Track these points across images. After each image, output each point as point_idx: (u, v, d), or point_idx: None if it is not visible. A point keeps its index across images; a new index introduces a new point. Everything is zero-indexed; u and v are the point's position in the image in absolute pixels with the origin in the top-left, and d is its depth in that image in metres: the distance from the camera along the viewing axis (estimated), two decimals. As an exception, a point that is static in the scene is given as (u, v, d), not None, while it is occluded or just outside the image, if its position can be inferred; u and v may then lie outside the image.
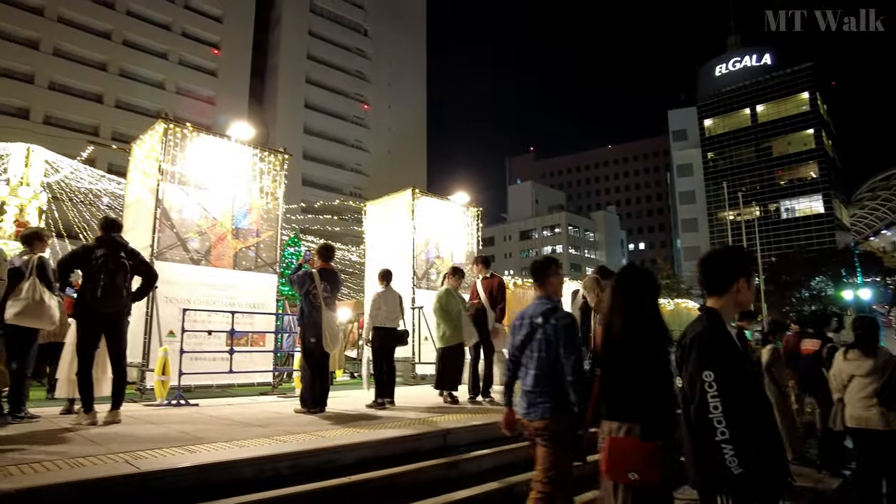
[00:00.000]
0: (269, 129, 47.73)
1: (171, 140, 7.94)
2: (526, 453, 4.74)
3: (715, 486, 1.86)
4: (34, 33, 38.38)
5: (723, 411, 1.80)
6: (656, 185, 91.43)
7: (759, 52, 66.96)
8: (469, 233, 12.59)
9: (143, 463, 3.27)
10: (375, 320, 6.76)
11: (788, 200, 61.50)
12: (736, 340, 1.96)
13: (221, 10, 47.29)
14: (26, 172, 13.47)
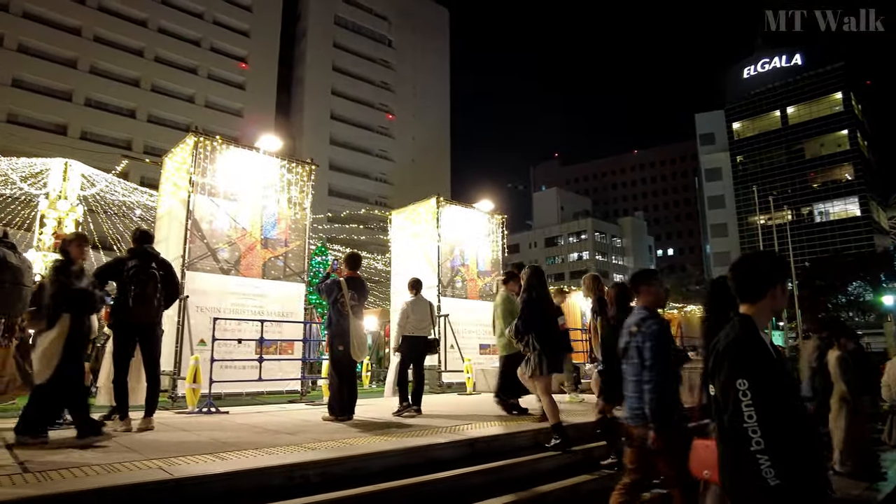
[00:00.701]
0: (296, 141, 48.50)
1: (202, 153, 8.12)
2: (553, 463, 4.70)
3: (751, 497, 1.81)
4: (73, 52, 39.80)
5: (757, 420, 1.75)
6: (684, 189, 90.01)
7: (790, 52, 65.57)
8: (494, 240, 12.57)
9: (176, 469, 3.33)
10: (404, 329, 6.78)
11: (822, 203, 59.87)
12: (770, 348, 1.91)
13: (248, 24, 48.36)
14: (64, 186, 13.93)
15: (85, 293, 4.52)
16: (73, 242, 4.68)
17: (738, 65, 70.55)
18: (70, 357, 4.33)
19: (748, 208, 59.25)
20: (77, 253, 4.63)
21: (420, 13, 59.71)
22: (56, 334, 4.28)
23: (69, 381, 4.36)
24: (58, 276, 4.45)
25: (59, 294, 4.40)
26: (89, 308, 4.58)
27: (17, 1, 37.88)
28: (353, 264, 6.37)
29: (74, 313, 4.40)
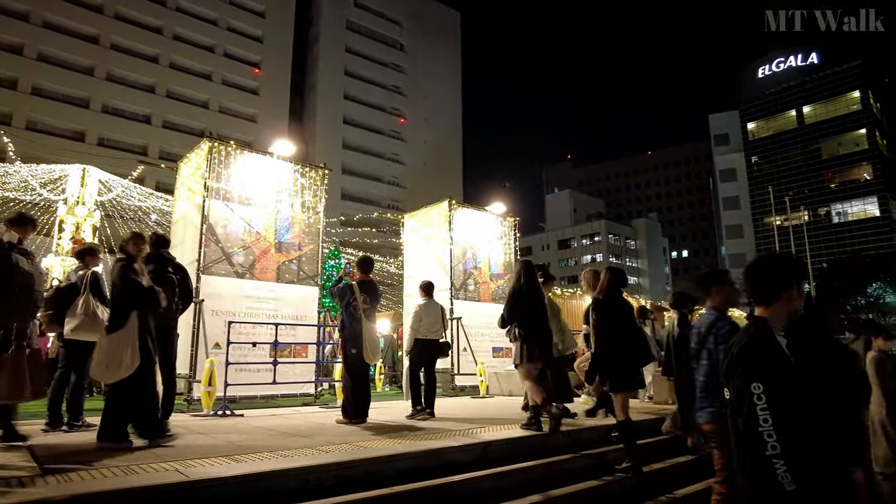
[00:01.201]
0: (309, 145, 48.84)
1: (216, 158, 8.21)
2: (568, 466, 4.67)
3: (767, 503, 1.79)
4: (90, 60, 40.45)
5: (773, 424, 1.73)
6: (698, 190, 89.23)
7: (805, 51, 64.78)
8: (506, 243, 12.56)
9: (192, 472, 3.36)
10: (417, 332, 6.79)
11: (840, 204, 59.01)
12: (786, 350, 1.89)
13: (262, 30, 48.84)
14: (82, 192, 14.16)
15: (151, 291, 4.55)
16: (130, 241, 4.71)
17: (752, 64, 69.86)
18: (141, 356, 4.31)
19: (764, 209, 58.56)
20: (135, 251, 4.67)
21: (431, 16, 59.91)
22: (125, 333, 4.27)
23: (140, 381, 4.32)
24: (124, 274, 4.46)
25: (126, 293, 4.42)
26: (155, 306, 4.59)
27: (38, 11, 38.60)
28: (365, 268, 6.40)
29: (141, 311, 4.42)
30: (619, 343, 4.74)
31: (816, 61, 64.11)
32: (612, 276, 4.96)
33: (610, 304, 4.88)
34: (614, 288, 4.92)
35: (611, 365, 4.73)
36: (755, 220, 63.05)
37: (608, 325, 4.80)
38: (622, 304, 4.98)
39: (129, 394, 4.26)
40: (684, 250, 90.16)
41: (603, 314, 4.84)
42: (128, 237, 4.82)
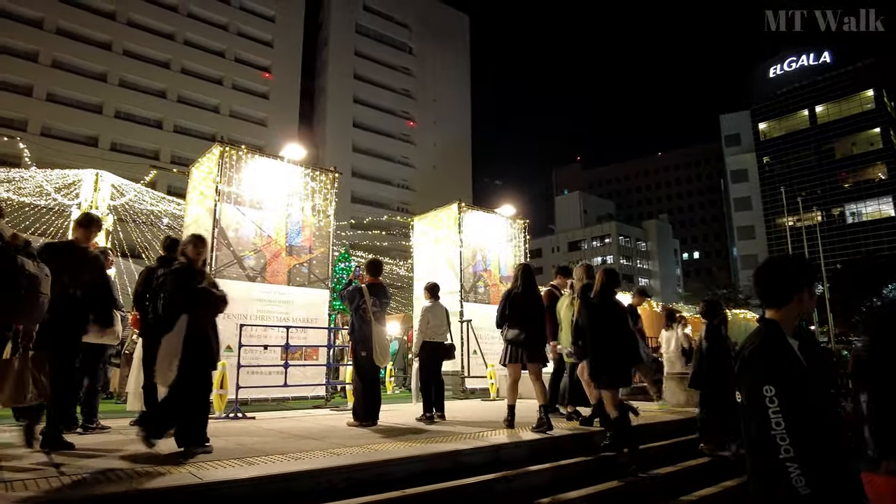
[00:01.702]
0: (319, 149, 49.09)
1: (227, 162, 8.28)
2: (578, 469, 4.66)
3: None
4: (103, 67, 40.96)
5: (785, 428, 1.71)
6: (709, 191, 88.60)
7: (817, 50, 64.24)
8: (516, 245, 12.54)
9: (204, 474, 3.39)
10: (425, 334, 6.80)
11: (854, 204, 58.39)
12: (798, 353, 1.87)
13: (271, 35, 49.19)
14: (95, 197, 14.31)
15: (204, 293, 4.40)
16: (189, 244, 4.56)
17: (763, 64, 69.37)
18: (190, 360, 4.16)
19: (776, 210, 58.07)
20: (194, 254, 4.52)
21: (440, 20, 60.06)
22: (174, 336, 4.17)
23: (188, 386, 4.18)
24: (175, 277, 4.41)
25: (175, 295, 4.36)
26: (210, 308, 4.44)
27: (52, 18, 39.16)
28: (374, 271, 6.42)
29: (193, 314, 4.27)
30: (611, 342, 4.96)
31: (829, 60, 63.56)
32: (606, 278, 5.16)
33: (604, 306, 5.08)
34: (608, 289, 5.13)
35: (603, 363, 4.96)
36: (767, 221, 62.53)
37: (602, 325, 5.00)
38: (615, 305, 5.17)
39: (173, 397, 4.17)
40: (695, 252, 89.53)
41: (597, 315, 5.04)
42: (188, 239, 4.66)
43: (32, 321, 4.12)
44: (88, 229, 4.55)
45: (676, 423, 6.47)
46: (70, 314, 4.25)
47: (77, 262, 4.37)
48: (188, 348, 4.14)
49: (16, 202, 14.37)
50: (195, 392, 4.27)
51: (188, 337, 4.17)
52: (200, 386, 4.33)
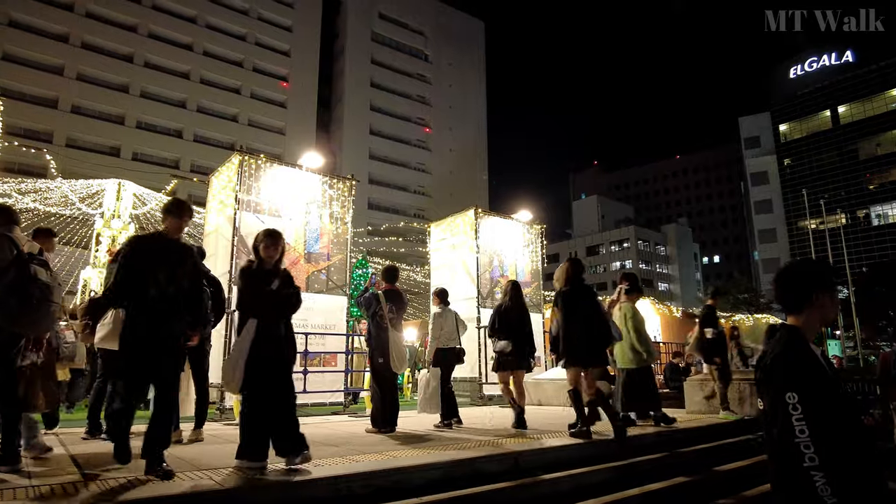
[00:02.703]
0: (337, 156, 49.52)
1: (246, 171, 8.38)
2: (600, 477, 4.61)
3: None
4: (125, 78, 41.86)
5: (810, 435, 1.68)
6: (729, 195, 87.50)
7: (839, 49, 63.21)
8: (533, 250, 12.50)
9: (225, 480, 3.42)
10: (439, 341, 6.79)
11: (880, 206, 57.18)
12: (822, 359, 1.84)
13: (289, 44, 49.84)
14: (117, 206, 14.59)
15: (274, 296, 3.98)
16: (262, 241, 4.12)
17: (782, 65, 68.43)
18: (259, 369, 3.78)
19: (798, 212, 57.15)
20: (266, 252, 4.08)
21: (455, 26, 60.34)
22: (240, 342, 3.82)
23: (261, 396, 3.83)
24: (243, 277, 4.00)
25: (243, 297, 3.99)
26: (280, 311, 4.02)
27: (76, 32, 40.17)
28: (390, 277, 6.43)
29: (262, 318, 3.88)
30: (577, 323, 5.50)
31: (851, 59, 62.51)
32: (572, 266, 5.85)
33: (573, 290, 5.69)
34: (576, 276, 5.77)
35: (565, 342, 5.51)
36: (789, 223, 61.53)
37: (571, 307, 5.58)
38: (584, 290, 5.76)
39: (249, 408, 3.84)
40: (716, 255, 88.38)
41: (567, 299, 5.63)
42: (261, 236, 4.15)
43: (43, 330, 4.16)
44: (180, 218, 3.95)
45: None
46: (172, 319, 3.74)
47: (172, 256, 3.83)
48: (256, 356, 3.77)
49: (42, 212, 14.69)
50: (272, 399, 3.86)
51: (256, 344, 3.79)
52: (277, 392, 3.89)
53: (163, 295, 3.67)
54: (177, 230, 3.94)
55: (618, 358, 6.65)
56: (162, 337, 3.67)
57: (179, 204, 4.02)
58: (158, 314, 3.65)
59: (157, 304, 3.64)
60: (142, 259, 3.70)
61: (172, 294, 3.72)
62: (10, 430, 3.71)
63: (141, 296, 3.64)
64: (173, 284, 3.73)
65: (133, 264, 3.71)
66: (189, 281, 3.89)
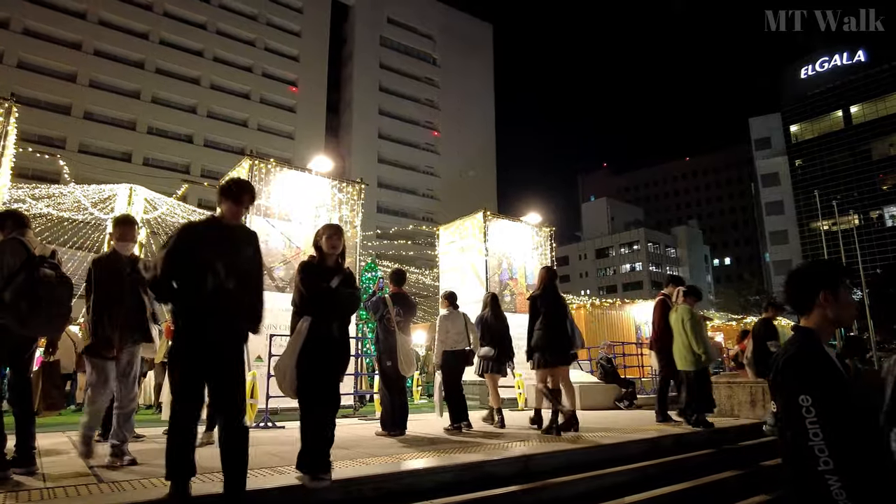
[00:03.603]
0: (346, 160, 49.70)
1: (256, 175, 8.44)
2: (612, 480, 4.58)
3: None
4: (136, 84, 42.31)
5: (824, 438, 1.66)
6: (740, 196, 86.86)
7: (851, 48, 62.63)
8: (542, 253, 12.48)
9: (236, 483, 3.43)
10: (445, 344, 6.77)
11: (894, 206, 56.56)
12: (836, 361, 1.81)
13: (298, 49, 50.15)
14: (129, 210, 14.70)
15: (332, 293, 3.64)
16: (324, 234, 3.83)
17: (793, 65, 67.94)
18: (311, 371, 3.49)
19: (810, 214, 56.64)
20: (328, 246, 3.79)
21: (463, 30, 60.44)
22: (291, 343, 3.58)
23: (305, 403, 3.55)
24: (302, 274, 3.72)
25: (301, 295, 3.68)
26: (335, 311, 3.68)
27: (89, 40, 40.66)
28: (398, 281, 6.43)
29: (316, 317, 3.58)
30: (551, 327, 6.02)
31: (864, 59, 61.95)
32: (547, 274, 6.43)
33: (547, 296, 6.17)
34: (550, 283, 6.29)
35: (541, 344, 6.04)
36: (801, 225, 61.00)
37: (546, 312, 6.08)
38: (557, 297, 6.24)
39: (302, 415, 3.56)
40: (726, 258, 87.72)
41: (541, 304, 6.13)
42: (322, 230, 3.85)
43: (54, 332, 4.20)
44: (238, 202, 3.25)
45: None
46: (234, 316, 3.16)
47: (232, 244, 3.21)
48: (306, 359, 3.48)
49: (55, 217, 14.85)
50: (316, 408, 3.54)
51: (307, 346, 3.50)
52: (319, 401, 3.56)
53: (222, 289, 3.04)
54: (235, 215, 3.26)
55: (677, 360, 6.59)
56: (222, 340, 3.07)
57: (238, 184, 3.29)
58: (219, 312, 3.05)
59: (215, 300, 3.03)
60: (199, 250, 3.07)
61: (234, 290, 3.09)
62: (25, 433, 3.75)
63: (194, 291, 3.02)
64: (234, 276, 3.10)
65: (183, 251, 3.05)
66: (252, 273, 3.30)
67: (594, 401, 9.54)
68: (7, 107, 6.93)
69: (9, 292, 3.59)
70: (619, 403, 9.88)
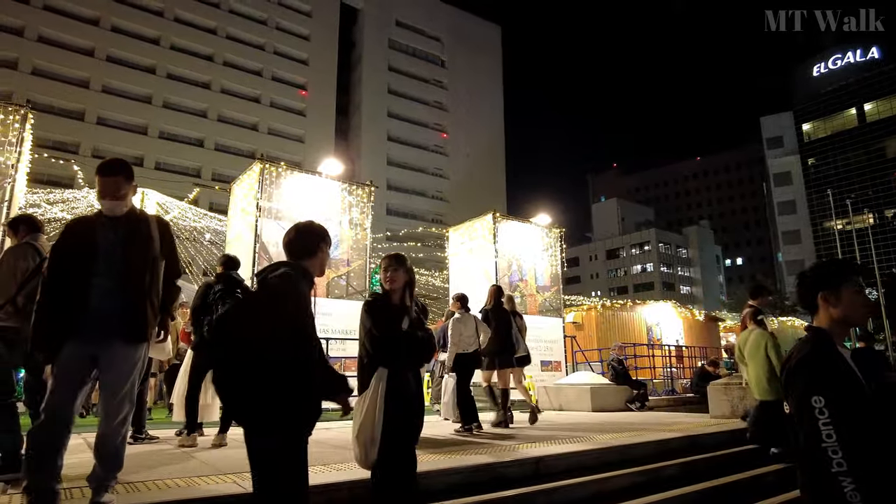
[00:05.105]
0: (355, 163, 49.90)
1: (267, 178, 8.50)
2: (623, 482, 4.56)
3: (836, 523, 1.70)
4: (147, 90, 42.77)
5: (837, 440, 1.64)
6: (752, 196, 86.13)
7: (864, 46, 61.94)
8: (552, 254, 12.44)
9: (248, 483, 3.45)
10: (458, 346, 6.77)
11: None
12: (849, 362, 1.80)
13: (307, 53, 50.44)
14: (142, 215, 14.84)
15: (409, 338, 3.09)
16: (382, 269, 3.26)
17: (805, 63, 67.33)
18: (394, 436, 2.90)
19: (823, 213, 56.07)
20: (388, 281, 3.19)
21: (472, 31, 60.50)
22: (370, 402, 2.92)
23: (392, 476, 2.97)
24: (372, 315, 3.13)
25: (373, 341, 3.09)
26: (415, 359, 3.20)
27: (102, 46, 41.16)
28: (407, 283, 6.43)
29: (393, 367, 3.01)
30: (500, 336, 6.99)
31: (877, 56, 61.30)
32: (496, 291, 7.32)
33: (496, 310, 7.11)
34: (498, 299, 7.18)
35: (493, 349, 6.94)
36: (814, 224, 60.41)
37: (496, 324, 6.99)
38: (503, 310, 7.19)
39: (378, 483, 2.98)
40: (738, 258, 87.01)
41: (492, 317, 7.06)
42: (384, 262, 3.25)
43: None
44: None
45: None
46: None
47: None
48: (390, 420, 2.91)
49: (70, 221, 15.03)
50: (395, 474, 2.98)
51: (387, 401, 2.93)
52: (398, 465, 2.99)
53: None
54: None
55: (753, 388, 6.00)
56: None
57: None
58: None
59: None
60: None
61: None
62: None
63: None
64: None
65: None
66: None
67: (605, 402, 9.50)
68: (23, 113, 7.04)
69: (22, 296, 3.65)
70: (631, 405, 9.83)
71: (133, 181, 3.02)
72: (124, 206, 2.97)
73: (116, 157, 3.09)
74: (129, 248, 2.91)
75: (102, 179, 2.91)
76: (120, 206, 2.95)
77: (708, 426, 6.85)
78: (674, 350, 15.54)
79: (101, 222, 2.94)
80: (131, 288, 2.88)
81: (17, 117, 6.98)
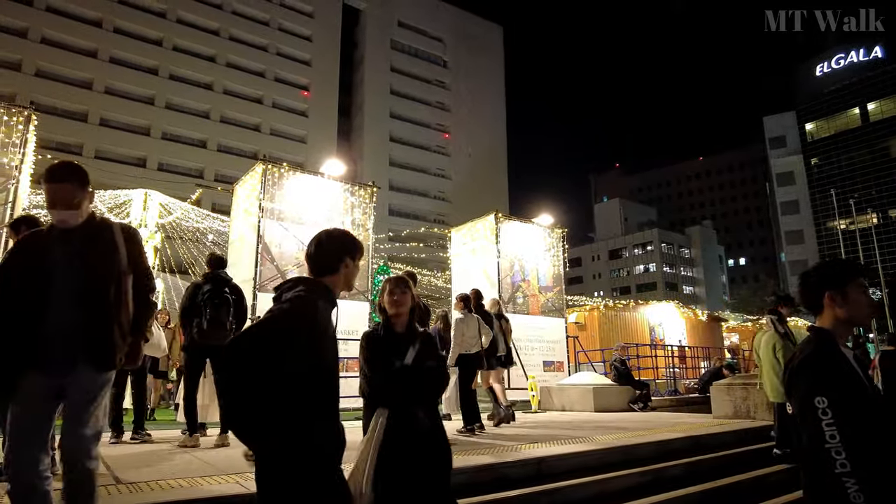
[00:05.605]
0: (357, 164, 49.92)
1: (269, 179, 8.52)
2: (622, 483, 4.55)
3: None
4: (150, 91, 42.86)
5: (841, 441, 1.63)
6: (754, 196, 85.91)
7: (867, 45, 61.76)
8: (554, 255, 12.44)
9: (251, 484, 3.46)
10: (461, 347, 6.77)
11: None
12: (853, 362, 1.79)
13: (309, 54, 50.48)
14: (144, 215, 14.89)
15: (410, 372, 2.73)
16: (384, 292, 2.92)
17: (807, 62, 67.14)
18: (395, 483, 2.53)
19: (826, 213, 55.92)
20: (391, 305, 2.84)
21: (474, 32, 60.50)
22: (365, 447, 2.62)
23: None
24: (366, 348, 2.83)
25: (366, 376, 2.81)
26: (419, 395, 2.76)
27: (105, 48, 41.27)
28: (408, 284, 6.43)
29: (394, 406, 2.68)
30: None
31: (881, 55, 61.08)
32: (476, 293, 7.41)
33: (477, 314, 7.09)
34: (478, 302, 7.33)
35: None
36: (817, 224, 60.24)
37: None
38: (485, 314, 7.31)
39: None
40: (741, 258, 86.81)
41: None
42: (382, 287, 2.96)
43: None
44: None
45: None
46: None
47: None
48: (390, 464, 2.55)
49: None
50: None
51: (387, 446, 2.58)
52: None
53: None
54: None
55: (767, 390, 6.02)
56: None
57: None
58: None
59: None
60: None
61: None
62: None
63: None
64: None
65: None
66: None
67: (608, 402, 9.49)
68: (27, 115, 7.07)
69: None
70: (634, 405, 9.82)
71: (88, 187, 2.56)
72: (79, 215, 2.53)
73: (66, 161, 2.67)
74: (88, 260, 2.49)
75: (50, 187, 2.48)
76: (73, 216, 2.51)
77: (711, 426, 6.84)
78: (677, 350, 15.53)
79: (53, 236, 2.52)
80: (93, 305, 2.46)
81: (20, 119, 7.01)
